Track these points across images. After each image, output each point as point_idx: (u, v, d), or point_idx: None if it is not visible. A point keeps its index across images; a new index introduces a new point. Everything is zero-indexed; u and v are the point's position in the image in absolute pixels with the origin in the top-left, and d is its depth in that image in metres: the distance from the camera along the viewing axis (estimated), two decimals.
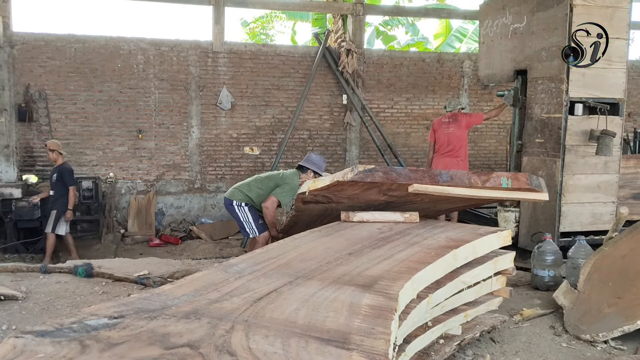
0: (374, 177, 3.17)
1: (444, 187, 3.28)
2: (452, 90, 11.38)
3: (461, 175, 3.38)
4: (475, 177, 3.38)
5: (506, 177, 3.48)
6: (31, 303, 4.53)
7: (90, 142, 9.85)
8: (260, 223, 5.87)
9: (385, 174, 3.18)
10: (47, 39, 9.55)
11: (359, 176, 3.16)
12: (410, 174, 3.21)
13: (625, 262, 3.98)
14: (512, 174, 3.61)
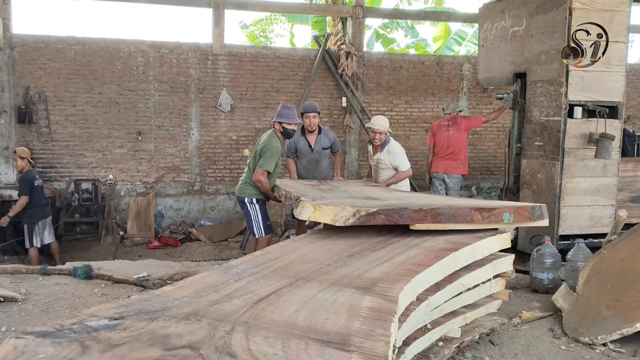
0: (376, 220, 3.19)
1: (446, 225, 3.29)
2: (452, 93, 11.40)
3: (463, 214, 3.32)
4: (477, 214, 3.32)
5: (509, 213, 3.42)
6: (30, 305, 4.54)
7: (89, 144, 9.85)
8: (267, 224, 5.94)
9: (387, 216, 3.20)
10: (47, 41, 9.56)
11: (361, 220, 3.18)
12: (412, 215, 3.21)
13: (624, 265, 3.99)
14: (514, 208, 3.52)
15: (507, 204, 3.61)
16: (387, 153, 6.32)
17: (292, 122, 5.80)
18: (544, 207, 3.60)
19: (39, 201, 8.02)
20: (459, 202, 3.96)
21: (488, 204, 3.58)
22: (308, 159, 6.48)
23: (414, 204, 3.50)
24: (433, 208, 3.27)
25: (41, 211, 8.07)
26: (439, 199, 4.42)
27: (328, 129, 6.73)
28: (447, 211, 3.28)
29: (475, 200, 4.13)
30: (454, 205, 3.38)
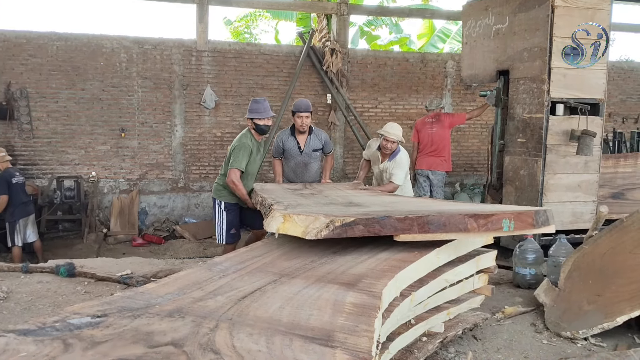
0: (354, 231, 2.74)
1: (435, 234, 2.86)
2: (436, 90, 11.45)
3: (456, 221, 2.89)
4: (472, 222, 2.90)
5: (508, 219, 2.99)
6: (12, 303, 4.49)
7: (72, 140, 9.77)
8: (232, 233, 5.56)
9: (367, 227, 2.77)
10: (29, 37, 9.45)
11: (336, 232, 2.72)
12: (396, 224, 2.79)
13: (605, 261, 4.04)
14: (515, 214, 3.06)
15: (507, 209, 3.08)
16: (393, 162, 6.02)
17: (263, 116, 5.37)
18: (549, 212, 3.17)
19: (18, 199, 7.94)
20: (451, 207, 3.49)
21: (484, 209, 3.09)
22: (296, 161, 5.98)
23: (399, 211, 3.08)
24: (420, 216, 2.82)
25: (22, 209, 7.99)
26: (429, 204, 3.89)
27: (320, 129, 6.27)
28: (436, 219, 2.86)
29: (469, 205, 3.57)
30: (445, 212, 2.94)
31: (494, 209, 2.98)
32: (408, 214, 2.90)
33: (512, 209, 3.09)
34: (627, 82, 12.58)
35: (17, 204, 7.90)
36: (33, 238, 8.19)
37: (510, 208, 3.14)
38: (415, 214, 2.83)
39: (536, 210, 3.12)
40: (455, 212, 2.91)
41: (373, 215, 2.83)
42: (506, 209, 3.00)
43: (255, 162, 5.51)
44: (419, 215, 2.82)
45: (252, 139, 5.44)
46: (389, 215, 2.78)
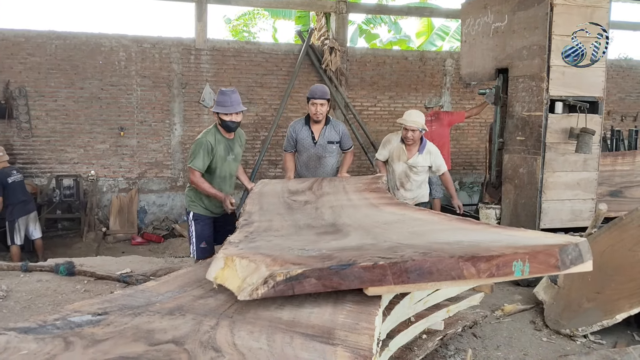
0: (303, 287, 2.04)
1: (419, 285, 2.14)
2: (435, 89, 11.46)
3: (446, 268, 2.11)
4: (470, 267, 2.10)
5: (521, 262, 2.12)
6: (12, 301, 4.50)
7: (71, 139, 9.76)
8: (202, 247, 4.81)
9: (321, 279, 2.04)
10: (28, 36, 9.43)
11: (280, 289, 2.03)
12: (362, 274, 2.05)
13: (604, 258, 4.05)
14: (531, 252, 2.14)
15: (519, 245, 2.21)
16: (427, 154, 5.68)
17: (228, 111, 4.61)
18: (583, 245, 2.21)
19: (16, 198, 7.93)
20: (451, 238, 2.50)
21: (488, 245, 2.26)
22: (309, 153, 5.34)
23: (378, 248, 2.33)
24: (395, 262, 2.07)
25: (21, 208, 7.98)
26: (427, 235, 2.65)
27: (338, 121, 5.70)
28: (418, 266, 2.09)
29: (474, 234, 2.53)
30: (434, 253, 2.17)
31: (501, 247, 2.18)
32: (382, 257, 2.12)
33: (527, 246, 2.18)
34: (625, 80, 12.59)
35: (15, 203, 7.89)
36: (37, 235, 8.23)
37: (524, 244, 2.23)
38: (389, 261, 2.06)
39: (562, 246, 2.16)
40: (448, 254, 2.13)
41: (331, 264, 2.08)
42: (519, 246, 2.19)
43: (225, 162, 4.80)
44: (393, 261, 2.05)
45: (216, 135, 4.74)
46: (353, 263, 2.05)
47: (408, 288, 2.18)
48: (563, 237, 2.21)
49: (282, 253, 2.30)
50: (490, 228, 2.48)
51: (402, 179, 5.71)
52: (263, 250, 2.40)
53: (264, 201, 4.02)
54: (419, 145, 5.65)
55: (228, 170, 4.86)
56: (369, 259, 2.10)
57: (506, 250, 2.12)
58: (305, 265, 2.09)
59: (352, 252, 2.22)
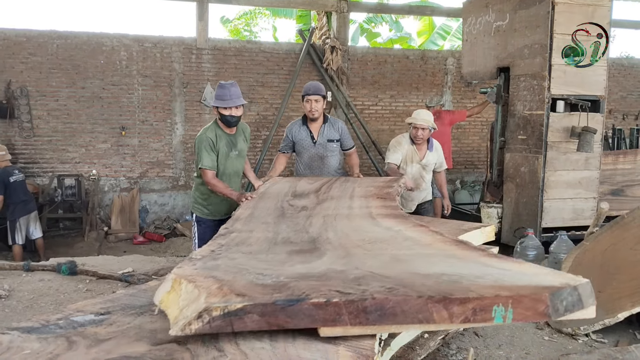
0: (244, 324, 1.72)
1: (380, 327, 1.80)
2: (436, 88, 11.45)
3: (413, 309, 1.73)
4: (442, 310, 1.73)
5: (503, 307, 1.74)
6: (14, 301, 4.51)
7: (72, 139, 9.77)
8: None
9: (265, 316, 1.74)
10: (29, 35, 9.44)
11: (216, 326, 1.71)
12: (314, 312, 1.73)
13: (606, 257, 4.05)
14: (513, 297, 1.75)
15: (505, 286, 1.82)
16: (436, 151, 5.68)
17: (227, 105, 4.40)
18: (584, 289, 1.81)
19: (17, 197, 7.93)
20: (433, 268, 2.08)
21: (470, 282, 1.86)
22: (310, 154, 5.15)
23: (337, 282, 1.92)
24: (352, 300, 1.73)
25: (22, 207, 7.99)
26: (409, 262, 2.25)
27: (337, 118, 5.51)
28: (379, 305, 1.73)
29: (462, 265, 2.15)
30: (401, 290, 1.80)
31: (481, 288, 1.80)
32: (349, 286, 1.84)
33: (516, 284, 1.83)
34: (627, 79, 12.58)
35: (16, 202, 7.90)
36: (38, 234, 8.24)
37: (517, 278, 1.90)
38: (348, 295, 1.76)
39: (556, 289, 1.75)
40: (417, 292, 1.77)
41: (285, 293, 1.79)
42: (507, 283, 1.84)
43: (229, 159, 4.60)
44: (350, 298, 1.73)
45: (217, 131, 4.56)
46: (303, 298, 1.74)
47: (368, 330, 1.80)
48: (563, 277, 1.86)
49: (235, 278, 1.99)
50: (484, 257, 2.15)
51: (417, 180, 5.52)
52: (219, 271, 2.10)
53: (260, 205, 3.81)
54: (427, 144, 5.59)
55: (232, 167, 4.64)
56: (325, 293, 1.77)
57: (487, 291, 1.76)
58: (249, 298, 1.76)
59: (311, 282, 1.90)
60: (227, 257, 2.38)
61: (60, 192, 9.37)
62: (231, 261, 2.31)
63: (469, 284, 1.82)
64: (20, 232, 7.96)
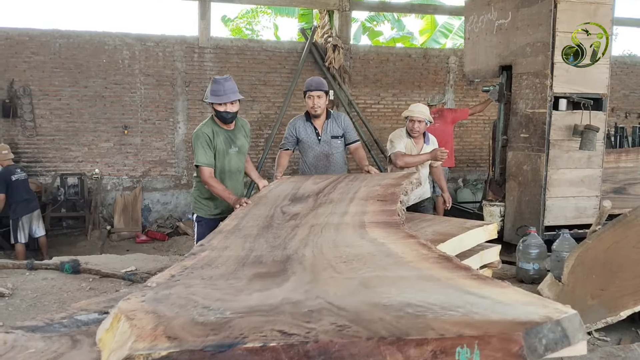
0: None
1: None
2: (438, 86, 11.45)
3: (364, 352, 1.51)
4: (396, 353, 1.49)
5: (469, 348, 1.49)
6: (18, 300, 4.52)
7: (75, 138, 9.79)
8: None
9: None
10: (31, 34, 9.46)
11: None
12: (249, 359, 1.47)
13: (609, 255, 4.04)
14: (480, 337, 1.50)
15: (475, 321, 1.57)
16: (432, 144, 5.68)
17: (221, 100, 4.20)
18: (570, 323, 1.56)
19: (20, 196, 7.96)
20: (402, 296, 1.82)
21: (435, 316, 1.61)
22: (315, 152, 5.02)
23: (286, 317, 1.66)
24: (292, 344, 1.48)
25: (24, 206, 8.02)
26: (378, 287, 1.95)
27: (340, 113, 5.40)
28: (323, 349, 1.49)
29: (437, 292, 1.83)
30: (352, 329, 1.55)
31: (464, 311, 1.63)
32: (296, 323, 1.60)
33: (488, 319, 1.58)
34: (630, 77, 12.56)
35: (19, 201, 7.93)
36: (41, 232, 8.27)
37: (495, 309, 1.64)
38: (291, 336, 1.51)
39: (533, 325, 1.51)
40: (369, 332, 1.54)
41: (221, 336, 1.54)
42: (479, 317, 1.59)
43: (227, 156, 4.43)
44: (289, 342, 1.49)
45: (214, 127, 4.39)
46: (236, 343, 1.49)
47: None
48: (545, 308, 1.60)
49: (178, 313, 1.73)
50: (466, 280, 1.90)
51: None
52: (165, 304, 1.83)
53: (253, 212, 3.54)
54: (424, 138, 5.64)
55: (232, 165, 4.46)
56: (265, 335, 1.52)
57: (451, 329, 1.52)
58: (179, 342, 1.51)
59: (257, 319, 1.66)
60: (184, 285, 2.10)
61: (63, 191, 9.40)
62: (186, 289, 2.03)
63: (433, 319, 1.58)
64: (22, 230, 7.98)
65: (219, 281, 2.16)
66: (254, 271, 2.25)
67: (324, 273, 2.14)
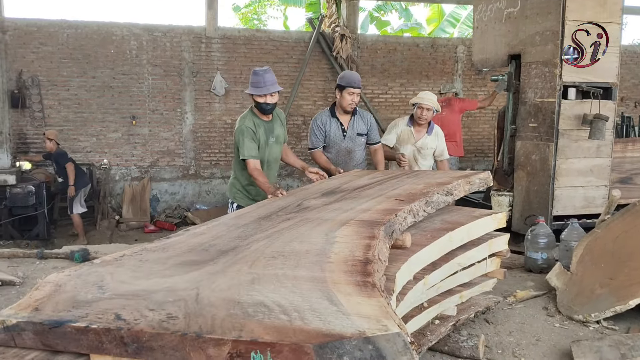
0: (23, 341, 1.70)
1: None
2: (446, 76, 11.40)
3: (170, 345, 1.56)
4: (198, 350, 1.54)
5: (262, 355, 1.47)
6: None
7: (83, 128, 9.83)
8: None
9: (39, 336, 1.68)
10: (39, 25, 9.48)
11: (1, 339, 1.72)
12: (78, 337, 1.64)
13: (617, 244, 4.04)
14: (273, 344, 1.47)
15: (274, 327, 1.56)
16: (435, 136, 5.50)
17: (262, 92, 4.28)
18: (387, 342, 1.43)
19: (79, 169, 8.74)
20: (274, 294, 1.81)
21: (253, 322, 1.59)
22: (339, 148, 4.97)
23: (148, 303, 1.76)
24: (109, 329, 1.61)
25: (82, 180, 8.71)
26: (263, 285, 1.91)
27: (365, 110, 5.33)
28: (135, 337, 1.59)
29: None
30: (170, 323, 1.62)
31: (280, 320, 1.59)
32: (134, 312, 1.69)
33: (288, 328, 1.54)
34: (639, 66, 12.46)
35: (79, 175, 8.62)
36: (84, 208, 8.83)
37: (309, 321, 1.57)
38: (116, 322, 1.63)
39: (330, 339, 1.45)
40: (182, 326, 1.59)
41: (76, 314, 1.69)
42: (283, 326, 1.55)
43: (267, 147, 4.51)
44: (107, 327, 1.61)
45: (254, 119, 4.45)
46: (66, 321, 1.65)
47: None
48: (372, 323, 1.50)
49: (75, 288, 1.93)
50: (348, 286, 1.84)
51: (410, 162, 5.38)
52: (80, 280, 2.02)
53: (276, 203, 3.47)
54: (427, 128, 5.49)
55: (272, 154, 4.56)
56: (100, 316, 1.66)
57: (254, 334, 1.50)
58: (35, 314, 1.72)
59: (119, 302, 1.77)
60: (117, 265, 2.22)
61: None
62: (113, 268, 2.16)
63: (255, 321, 1.58)
64: (80, 201, 8.58)
65: (146, 264, 2.24)
66: (190, 258, 2.30)
67: (236, 266, 2.13)
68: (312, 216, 2.98)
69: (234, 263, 2.17)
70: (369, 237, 2.41)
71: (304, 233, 2.59)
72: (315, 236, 2.52)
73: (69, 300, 1.80)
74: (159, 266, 2.18)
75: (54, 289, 1.89)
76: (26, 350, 1.67)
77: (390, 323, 1.49)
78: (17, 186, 8.50)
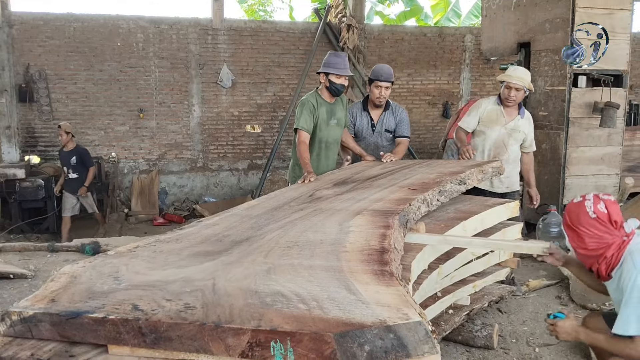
0: (40, 332, 1.68)
1: (165, 352, 1.60)
2: (454, 65, 11.33)
3: (188, 335, 1.57)
4: (217, 340, 1.52)
5: (282, 344, 1.46)
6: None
7: (91, 121, 9.84)
8: None
9: (56, 327, 1.66)
10: (46, 19, 9.47)
11: (19, 330, 1.70)
12: (95, 328, 1.62)
13: None
14: (293, 334, 1.46)
15: (293, 317, 1.54)
16: (527, 121, 4.70)
17: (341, 73, 4.38)
18: (408, 330, 1.44)
19: None
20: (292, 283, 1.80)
21: (272, 311, 1.59)
22: (367, 142, 4.84)
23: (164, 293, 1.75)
24: (127, 319, 1.59)
25: (93, 186, 8.72)
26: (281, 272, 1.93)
27: (399, 105, 5.05)
28: (153, 327, 1.57)
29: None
30: (188, 313, 1.60)
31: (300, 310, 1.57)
32: (151, 303, 1.68)
33: (309, 318, 1.52)
34: None
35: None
36: (76, 212, 8.63)
37: (328, 311, 1.55)
38: (134, 313, 1.62)
39: (353, 328, 1.43)
40: (199, 316, 1.58)
41: (91, 305, 1.69)
42: (303, 315, 1.53)
43: (328, 127, 4.51)
44: (125, 317, 1.60)
45: (318, 98, 4.48)
46: (83, 312, 1.65)
47: (155, 354, 1.61)
48: (393, 312, 1.49)
49: (91, 280, 1.93)
50: (365, 275, 1.83)
51: (499, 147, 4.62)
52: (96, 271, 2.03)
53: (289, 192, 3.50)
54: (519, 109, 4.67)
55: (331, 136, 4.55)
56: (117, 307, 1.65)
57: (273, 323, 1.49)
58: (52, 305, 1.71)
59: (137, 292, 1.77)
60: (132, 256, 2.21)
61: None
62: (130, 260, 2.15)
63: (274, 311, 1.56)
64: (75, 206, 8.39)
65: (160, 255, 2.22)
66: (204, 249, 2.29)
67: (251, 256, 2.12)
68: (325, 206, 2.95)
69: (249, 253, 2.16)
70: (384, 227, 2.40)
71: (318, 223, 2.58)
72: (329, 226, 2.51)
73: (85, 291, 1.81)
74: (174, 257, 2.18)
75: (70, 281, 1.91)
76: (44, 341, 1.66)
77: (411, 311, 1.49)
78: (27, 180, 8.52)
